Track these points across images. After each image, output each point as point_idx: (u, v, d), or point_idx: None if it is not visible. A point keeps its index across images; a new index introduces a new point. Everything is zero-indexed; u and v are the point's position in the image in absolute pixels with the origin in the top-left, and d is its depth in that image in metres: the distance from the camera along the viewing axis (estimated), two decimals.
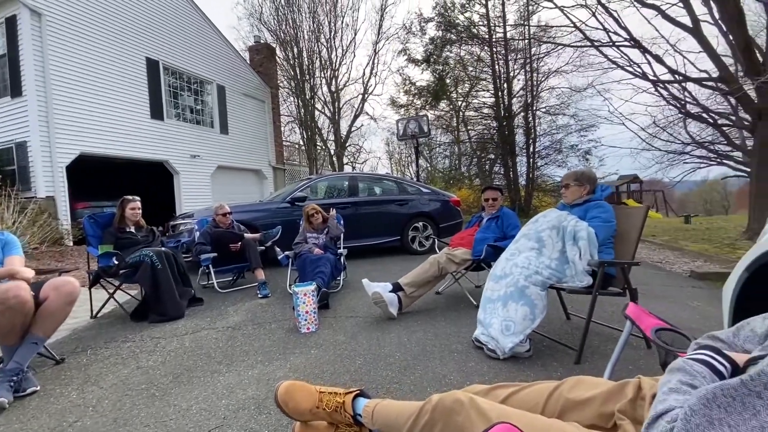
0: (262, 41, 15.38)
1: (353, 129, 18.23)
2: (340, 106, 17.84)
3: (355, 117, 17.84)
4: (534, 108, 14.89)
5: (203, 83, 11.54)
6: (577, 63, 13.49)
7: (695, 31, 6.12)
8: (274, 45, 15.68)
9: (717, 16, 5.89)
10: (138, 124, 9.31)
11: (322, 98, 17.50)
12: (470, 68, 15.52)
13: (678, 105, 6.84)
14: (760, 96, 5.57)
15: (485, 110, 15.89)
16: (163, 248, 3.39)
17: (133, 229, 3.50)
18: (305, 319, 2.65)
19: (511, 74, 15.09)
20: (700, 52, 6.26)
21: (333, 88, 17.27)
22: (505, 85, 14.90)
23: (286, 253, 3.86)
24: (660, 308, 3.07)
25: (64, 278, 2.08)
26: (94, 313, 3.21)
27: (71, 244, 7.26)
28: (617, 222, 2.36)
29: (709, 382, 0.61)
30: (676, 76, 6.42)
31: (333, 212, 4.26)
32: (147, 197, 3.75)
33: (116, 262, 3.12)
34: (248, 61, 14.08)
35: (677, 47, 6.65)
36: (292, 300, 2.77)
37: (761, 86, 5.19)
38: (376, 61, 17.27)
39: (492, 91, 15.19)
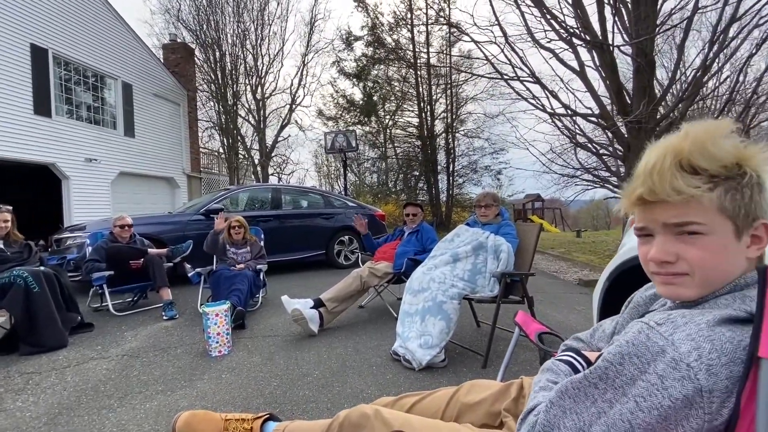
0: (179, 40, 14.29)
1: (280, 139, 17.72)
2: (266, 114, 17.27)
3: (282, 127, 17.39)
4: (454, 130, 16.06)
5: (104, 79, 10.28)
6: (491, 92, 14.95)
7: (581, 74, 7.19)
8: (193, 46, 14.68)
9: (597, 63, 7.02)
10: (16, 119, 7.91)
11: (247, 105, 16.77)
12: (397, 88, 16.23)
13: (569, 135, 7.92)
14: (629, 132, 6.72)
15: (410, 129, 16.69)
16: (41, 267, 2.91)
17: (1, 245, 2.95)
18: (216, 342, 2.47)
19: (434, 97, 16.12)
20: (586, 91, 7.37)
21: (259, 96, 16.67)
22: (429, 107, 15.85)
23: (198, 270, 3.58)
24: (552, 313, 3.48)
25: None
26: None
27: None
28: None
29: (568, 377, 0.72)
30: (568, 110, 7.45)
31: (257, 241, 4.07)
32: (25, 206, 3.18)
33: None
34: (162, 60, 12.95)
35: (569, 86, 7.74)
36: (203, 321, 2.57)
37: (628, 124, 6.27)
38: (305, 72, 17.13)
39: (416, 112, 16.04)
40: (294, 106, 17.30)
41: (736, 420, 0.49)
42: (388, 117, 17.00)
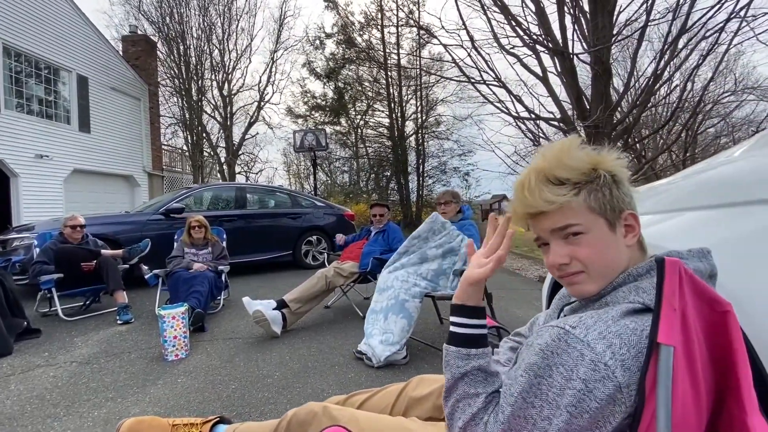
0: (140, 32, 13.63)
1: (247, 136, 17.30)
2: (233, 111, 16.81)
3: (250, 124, 16.98)
4: (424, 131, 16.28)
5: (58, 71, 9.65)
6: (459, 95, 15.27)
7: (544, 79, 7.49)
8: (155, 38, 14.05)
9: (559, 69, 7.33)
10: None
11: (213, 102, 16.26)
12: (368, 88, 16.26)
13: (533, 138, 8.23)
14: (587, 136, 7.07)
15: (381, 129, 16.76)
16: None
17: None
18: (173, 345, 2.39)
19: (405, 98, 16.28)
20: (548, 96, 7.69)
21: (225, 92, 16.20)
22: (399, 108, 15.98)
23: (155, 271, 3.44)
24: (513, 308, 3.61)
25: None
26: None
27: None
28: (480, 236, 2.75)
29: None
30: (532, 114, 7.74)
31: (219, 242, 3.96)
32: None
33: None
34: (121, 53, 12.31)
35: (533, 90, 8.04)
36: (158, 325, 2.48)
37: (587, 128, 6.60)
38: (273, 69, 16.82)
39: (387, 113, 16.13)
40: (262, 104, 16.95)
41: (642, 407, 0.52)
42: (359, 117, 16.99)
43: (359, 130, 16.99)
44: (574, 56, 7.05)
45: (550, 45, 7.10)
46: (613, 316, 0.59)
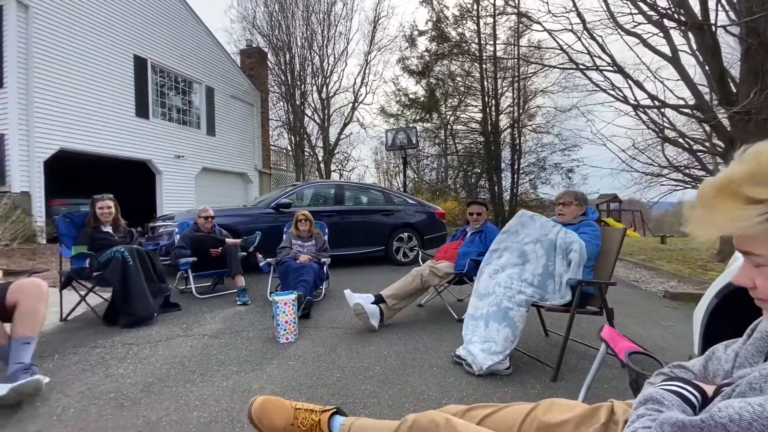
0: (254, 45, 15.35)
1: (342, 136, 18.28)
2: (330, 113, 17.89)
3: (345, 125, 17.90)
4: (520, 125, 15.26)
5: (191, 83, 11.40)
6: (563, 84, 13.96)
7: (674, 60, 6.39)
8: (266, 50, 15.68)
9: (694, 47, 6.18)
10: (122, 121, 9.11)
11: (312, 105, 17.53)
12: (460, 83, 15.83)
13: (656, 129, 7.10)
14: (733, 125, 5.83)
15: (473, 125, 16.19)
16: (136, 246, 3.29)
17: (110, 230, 3.39)
18: (284, 329, 2.60)
19: (500, 91, 15.45)
20: (678, 80, 6.54)
21: (324, 95, 17.32)
22: (493, 102, 15.23)
23: (268, 260, 3.81)
24: (634, 327, 3.15)
25: (29, 280, 2.00)
26: (64, 316, 3.08)
27: (44, 241, 6.98)
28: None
29: (679, 409, 0.62)
30: (656, 102, 6.67)
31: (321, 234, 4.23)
32: (128, 197, 3.65)
33: (88, 265, 3.01)
34: (239, 65, 14.01)
35: (657, 74, 6.93)
36: (272, 309, 2.73)
37: (734, 116, 5.44)
38: (367, 71, 17.44)
39: (480, 107, 15.51)
40: (356, 104, 17.71)
41: None
42: (449, 113, 16.67)
43: (449, 127, 16.69)
44: (718, 29, 5.86)
45: (684, 19, 6.01)
46: None
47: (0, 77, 7.25)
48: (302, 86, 16.65)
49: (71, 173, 10.24)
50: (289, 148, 17.79)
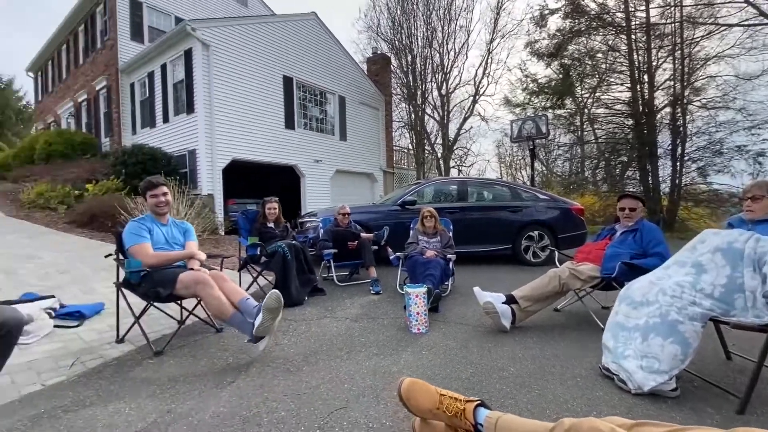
0: (378, 52, 16.33)
1: (462, 131, 18.01)
2: (450, 108, 17.80)
3: (465, 119, 17.59)
4: (684, 102, 12.45)
5: (326, 94, 12.78)
6: (748, 45, 10.85)
7: None
8: (389, 54, 16.50)
9: None
10: (275, 133, 10.81)
11: (432, 102, 17.71)
12: (601, 60, 13.80)
13: None
14: None
15: (618, 107, 13.93)
16: (293, 241, 3.89)
17: (272, 225, 4.11)
18: (416, 320, 2.73)
19: (654, 64, 12.90)
20: None
21: (443, 92, 17.34)
22: (646, 77, 12.80)
23: (397, 254, 4.03)
24: None
25: (216, 272, 2.52)
26: None
27: (223, 233, 8.81)
28: None
29: None
30: None
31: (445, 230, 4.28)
32: (279, 197, 4.35)
33: (259, 252, 3.70)
34: (365, 72, 15.09)
35: None
36: (404, 299, 2.89)
37: None
38: (489, 60, 16.75)
39: (628, 85, 13.23)
40: (477, 97, 17.21)
41: None
42: (587, 96, 14.73)
43: (587, 111, 14.76)
44: None
45: None
46: None
47: (192, 105, 9.42)
48: (423, 85, 16.99)
49: (238, 178, 12.63)
50: (410, 147, 18.39)
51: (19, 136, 24.18)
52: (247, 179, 13.04)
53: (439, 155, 18.11)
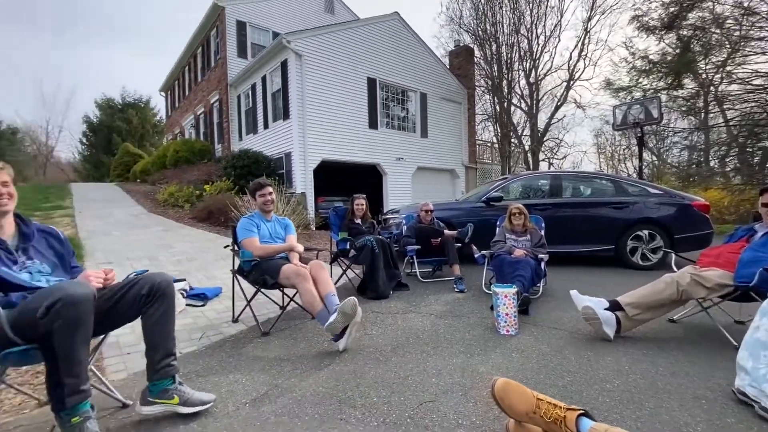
0: (461, 44, 15.89)
1: (553, 121, 16.64)
2: (539, 97, 16.58)
3: (557, 108, 16.22)
4: None
5: (407, 92, 12.88)
6: None
7: None
8: (472, 46, 15.96)
9: None
10: (359, 133, 11.27)
11: (519, 92, 16.69)
12: (733, 27, 11.50)
13: None
14: None
15: (757, 81, 11.48)
16: (380, 237, 4.03)
17: (359, 221, 4.31)
18: (505, 321, 2.63)
19: None
20: None
21: (532, 80, 16.22)
22: None
23: (483, 252, 3.91)
24: None
25: (316, 261, 2.73)
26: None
27: (314, 228, 9.50)
28: None
29: None
30: None
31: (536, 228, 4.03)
32: (362, 194, 4.54)
33: (349, 247, 3.91)
34: (447, 66, 14.82)
35: None
36: (492, 299, 2.81)
37: None
38: (586, 41, 15.17)
39: None
40: (572, 83, 15.77)
41: None
42: (713, 71, 12.43)
43: (713, 89, 12.46)
44: None
45: None
46: None
47: (287, 111, 10.29)
48: (509, 74, 16.10)
49: (326, 177, 13.45)
50: (494, 140, 17.59)
51: (155, 146, 29.15)
52: (332, 179, 13.83)
53: (527, 148, 16.99)
